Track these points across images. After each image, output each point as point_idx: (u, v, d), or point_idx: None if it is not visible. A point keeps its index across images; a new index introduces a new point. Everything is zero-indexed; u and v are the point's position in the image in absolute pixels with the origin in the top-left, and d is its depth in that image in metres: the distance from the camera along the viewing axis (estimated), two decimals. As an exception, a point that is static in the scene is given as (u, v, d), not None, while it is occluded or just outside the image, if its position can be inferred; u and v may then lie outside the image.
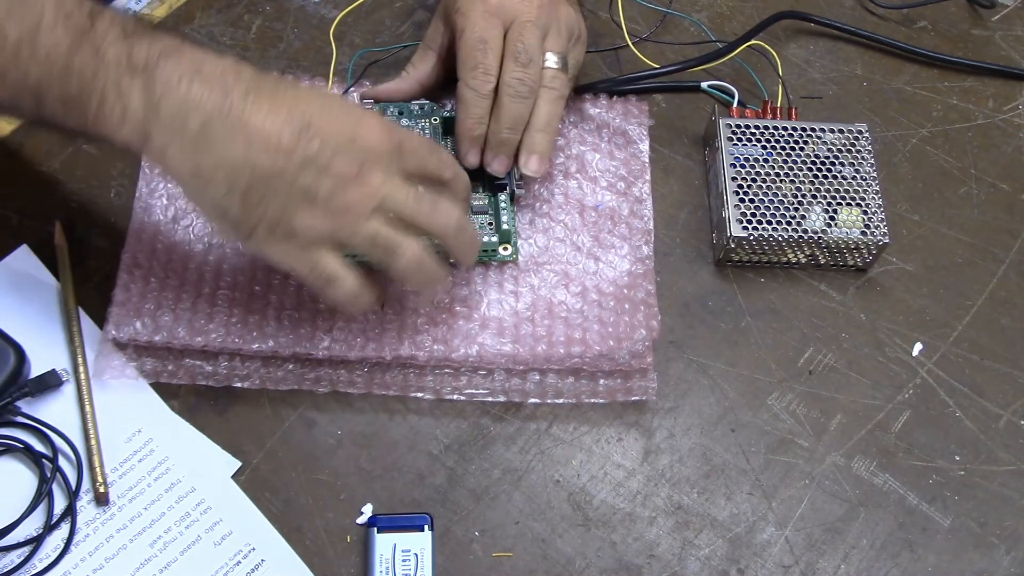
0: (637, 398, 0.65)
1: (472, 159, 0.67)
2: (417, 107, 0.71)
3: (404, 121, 0.70)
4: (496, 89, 0.65)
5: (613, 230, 0.70)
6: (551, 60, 0.66)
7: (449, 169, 0.60)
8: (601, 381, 0.65)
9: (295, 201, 0.54)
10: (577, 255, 0.69)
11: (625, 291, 0.67)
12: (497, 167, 0.67)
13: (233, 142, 0.53)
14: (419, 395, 0.64)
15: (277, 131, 0.53)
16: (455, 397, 0.65)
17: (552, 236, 0.69)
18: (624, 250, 0.69)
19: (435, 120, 0.70)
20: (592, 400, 0.65)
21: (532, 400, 0.65)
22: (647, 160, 0.73)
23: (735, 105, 0.75)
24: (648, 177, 0.72)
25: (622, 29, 0.75)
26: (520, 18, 0.65)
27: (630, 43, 0.75)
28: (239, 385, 0.63)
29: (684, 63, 0.76)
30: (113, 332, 0.63)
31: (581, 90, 0.75)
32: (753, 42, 0.77)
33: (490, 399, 0.65)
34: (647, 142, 0.73)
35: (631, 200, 0.71)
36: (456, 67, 0.66)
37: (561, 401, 0.65)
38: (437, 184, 0.60)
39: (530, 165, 0.67)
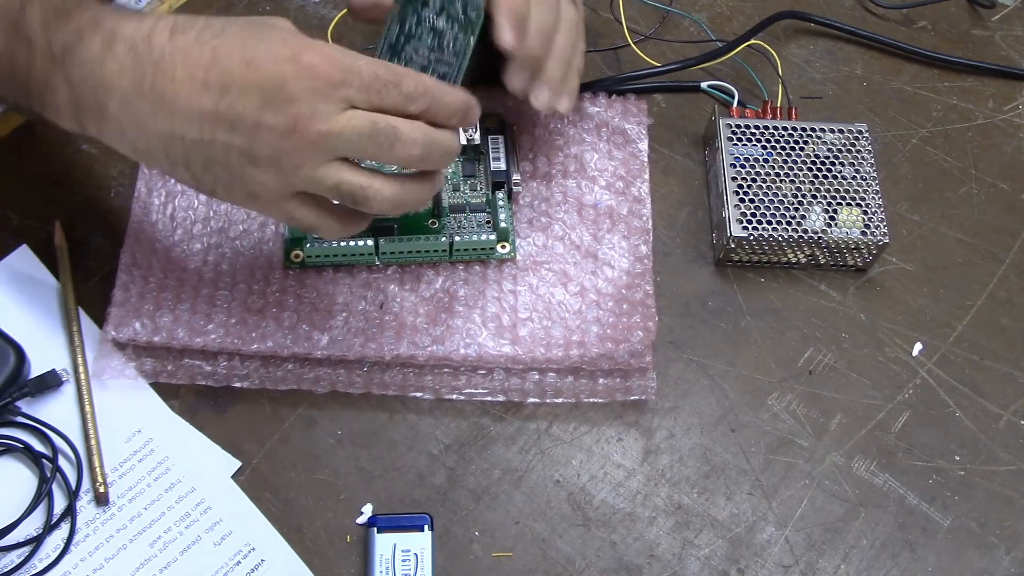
0: (636, 397, 0.65)
1: (509, 36, 0.59)
2: None
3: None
4: None
5: (612, 229, 0.70)
6: None
7: (418, 100, 0.53)
8: (600, 380, 0.65)
9: (240, 164, 0.52)
10: (576, 254, 0.69)
11: (623, 291, 0.67)
12: (519, 85, 0.63)
13: (155, 117, 0.52)
14: (418, 395, 0.64)
15: (196, 100, 0.51)
16: (454, 397, 0.65)
17: (551, 235, 0.69)
18: (623, 249, 0.69)
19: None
20: (591, 399, 0.65)
21: (531, 399, 0.65)
22: (646, 159, 0.73)
23: (735, 105, 0.75)
24: (647, 176, 0.72)
25: (623, 28, 0.75)
26: None
27: (631, 42, 0.75)
28: (238, 385, 0.63)
29: (684, 62, 0.76)
30: (112, 333, 0.63)
31: (580, 89, 0.75)
32: (753, 42, 0.77)
33: (489, 399, 0.65)
34: (646, 141, 0.73)
35: (630, 199, 0.71)
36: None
37: (560, 400, 0.65)
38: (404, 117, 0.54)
39: (542, 98, 0.63)
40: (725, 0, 0.84)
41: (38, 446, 0.61)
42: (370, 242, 0.65)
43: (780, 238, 0.68)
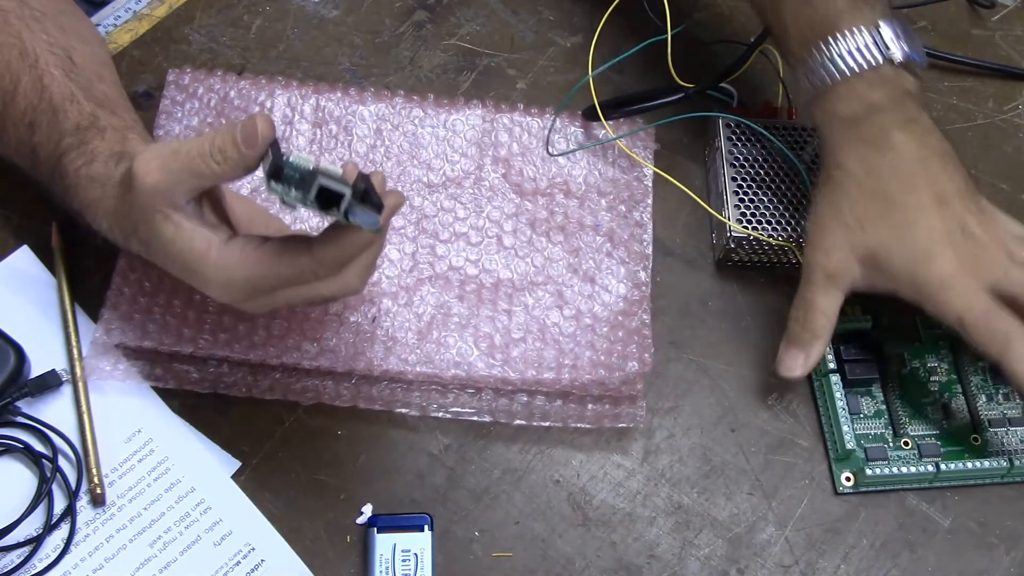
0: (624, 424, 0.64)
1: None
2: None
3: None
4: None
5: (611, 253, 0.68)
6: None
7: None
8: (589, 406, 0.64)
9: None
10: (573, 277, 0.67)
11: (619, 317, 0.66)
12: None
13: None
14: (404, 411, 0.63)
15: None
16: (440, 415, 0.64)
17: (549, 256, 0.68)
18: (621, 274, 0.68)
19: None
20: (578, 425, 0.64)
21: (518, 421, 0.64)
22: (650, 184, 0.71)
23: (735, 105, 0.75)
24: (650, 201, 0.71)
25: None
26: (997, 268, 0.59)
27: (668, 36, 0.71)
28: (225, 392, 0.63)
29: (697, 86, 0.73)
30: (102, 336, 0.62)
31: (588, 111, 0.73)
32: (752, 41, 0.77)
33: (475, 418, 0.64)
34: (651, 166, 0.72)
35: (631, 224, 0.70)
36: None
37: (548, 424, 0.64)
38: None
39: None
40: (725, 0, 0.84)
41: (38, 446, 0.61)
42: (931, 468, 0.62)
43: (780, 238, 0.68)
